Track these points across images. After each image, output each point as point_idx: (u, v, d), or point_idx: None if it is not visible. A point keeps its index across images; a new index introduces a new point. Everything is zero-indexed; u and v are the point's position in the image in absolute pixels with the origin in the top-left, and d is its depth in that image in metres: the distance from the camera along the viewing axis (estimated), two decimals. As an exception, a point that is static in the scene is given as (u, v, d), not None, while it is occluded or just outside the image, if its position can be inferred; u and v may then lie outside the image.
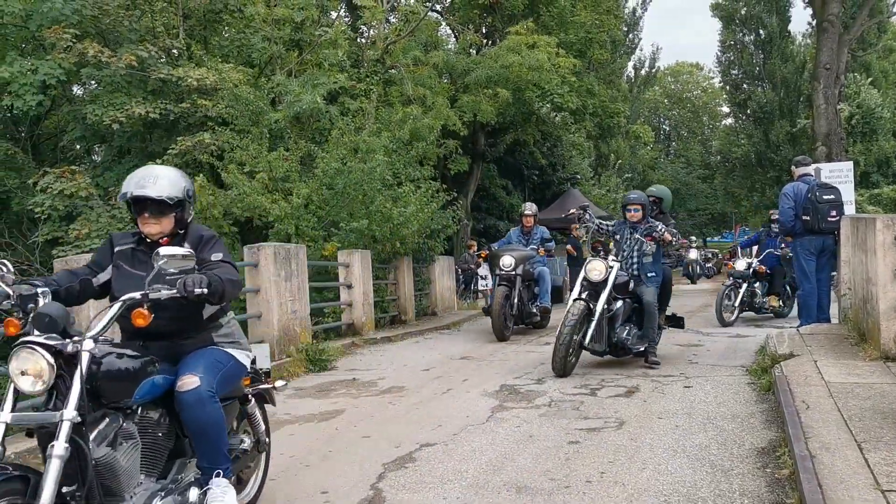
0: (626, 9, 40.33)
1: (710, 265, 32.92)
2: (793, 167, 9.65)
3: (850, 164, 13.77)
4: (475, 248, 20.07)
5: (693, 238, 37.11)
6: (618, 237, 7.91)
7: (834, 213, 8.89)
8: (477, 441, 5.21)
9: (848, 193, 11.87)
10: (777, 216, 10.43)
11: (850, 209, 11.02)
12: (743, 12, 39.34)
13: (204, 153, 13.05)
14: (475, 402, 6.48)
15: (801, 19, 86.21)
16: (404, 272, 13.48)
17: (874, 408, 4.82)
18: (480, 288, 18.58)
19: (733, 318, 12.62)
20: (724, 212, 53.03)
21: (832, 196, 9.00)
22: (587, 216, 8.08)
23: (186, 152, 13.23)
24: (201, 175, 12.76)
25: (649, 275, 7.79)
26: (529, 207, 11.83)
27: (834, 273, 9.67)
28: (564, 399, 6.43)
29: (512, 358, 9.03)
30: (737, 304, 12.71)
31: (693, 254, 25.56)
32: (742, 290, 12.76)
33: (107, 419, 2.98)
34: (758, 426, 5.28)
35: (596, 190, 34.01)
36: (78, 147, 16.77)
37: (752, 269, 12.87)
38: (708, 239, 54.57)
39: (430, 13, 21.02)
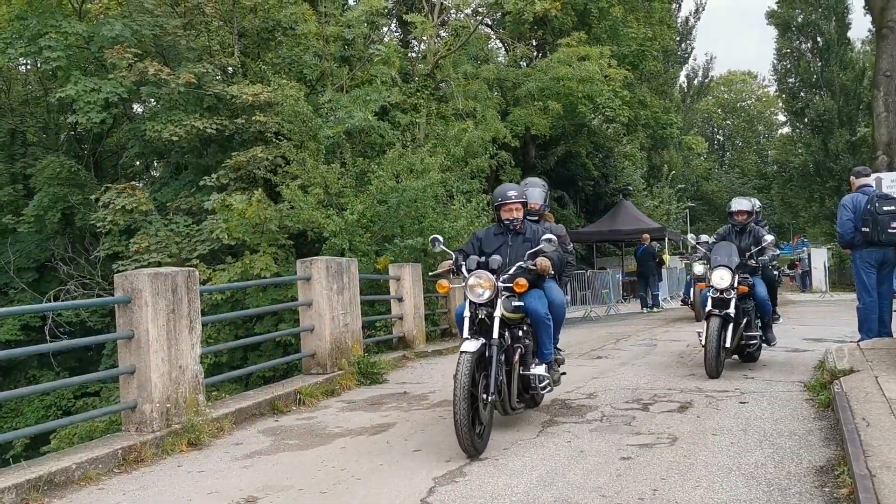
0: (679, 18, 39.94)
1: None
2: (852, 177, 9.43)
3: (913, 173, 13.41)
4: None
5: (702, 237, 24.44)
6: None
7: (894, 224, 8.65)
8: (527, 456, 5.19)
9: (910, 204, 11.53)
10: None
11: (912, 220, 10.68)
12: (800, 19, 38.62)
13: (258, 168, 13.31)
14: (526, 416, 6.45)
15: (860, 26, 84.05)
16: (456, 285, 13.49)
17: (938, 426, 4.68)
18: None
19: None
20: (782, 223, 51.98)
21: (892, 207, 8.76)
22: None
23: (240, 167, 13.51)
24: (259, 190, 13.00)
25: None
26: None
27: None
28: (616, 414, 6.37)
29: (563, 372, 8.96)
30: None
31: (699, 268, 14.94)
32: None
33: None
34: (816, 444, 5.16)
35: (648, 201, 33.51)
36: (137, 163, 17.27)
37: None
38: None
39: (479, 27, 21.08)
